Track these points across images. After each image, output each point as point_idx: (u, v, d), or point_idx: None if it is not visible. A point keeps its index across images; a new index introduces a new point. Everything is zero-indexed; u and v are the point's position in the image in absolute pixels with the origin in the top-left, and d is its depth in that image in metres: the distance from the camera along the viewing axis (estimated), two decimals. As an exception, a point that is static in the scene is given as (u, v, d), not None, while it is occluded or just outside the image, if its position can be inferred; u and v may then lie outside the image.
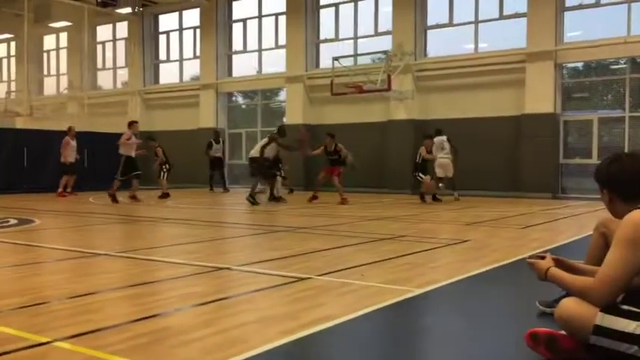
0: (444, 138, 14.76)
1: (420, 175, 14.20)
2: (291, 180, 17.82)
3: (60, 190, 16.32)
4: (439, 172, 14.55)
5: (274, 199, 13.91)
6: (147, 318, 3.59)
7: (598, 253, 3.39)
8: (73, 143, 16.62)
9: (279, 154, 14.21)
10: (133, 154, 14.51)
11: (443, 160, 14.53)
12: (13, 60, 30.34)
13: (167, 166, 16.13)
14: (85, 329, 3.31)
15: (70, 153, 16.48)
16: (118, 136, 21.40)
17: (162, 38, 25.25)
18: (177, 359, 2.84)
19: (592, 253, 3.49)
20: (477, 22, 17.99)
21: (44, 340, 3.11)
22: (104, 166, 19.09)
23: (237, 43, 23.19)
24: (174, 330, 3.35)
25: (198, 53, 23.61)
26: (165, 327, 3.42)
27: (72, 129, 16.92)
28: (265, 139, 14.11)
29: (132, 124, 15.11)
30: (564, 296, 3.41)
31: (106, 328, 3.36)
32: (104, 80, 27.50)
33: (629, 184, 2.84)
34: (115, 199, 13.59)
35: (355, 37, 20.20)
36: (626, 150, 15.29)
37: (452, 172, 14.74)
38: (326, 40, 21.00)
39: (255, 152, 13.85)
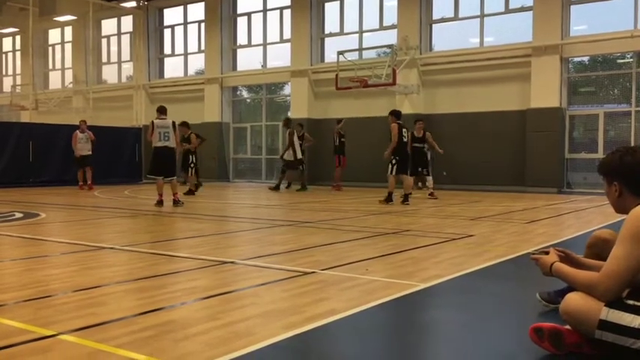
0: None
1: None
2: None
3: (80, 183, 16.68)
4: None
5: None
6: (152, 311, 3.60)
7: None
8: (81, 135, 16.75)
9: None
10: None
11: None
12: (18, 54, 30.44)
13: (194, 158, 15.05)
14: (90, 322, 3.33)
15: (78, 146, 16.66)
16: (123, 129, 21.52)
17: (167, 32, 25.26)
18: (181, 352, 2.85)
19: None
20: (482, 15, 17.92)
21: (49, 333, 3.12)
22: (109, 159, 19.21)
23: (241, 37, 23.18)
24: (179, 323, 3.36)
25: (202, 47, 23.62)
26: (170, 320, 3.43)
27: (81, 122, 17.20)
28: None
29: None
30: (566, 290, 3.41)
31: (110, 322, 3.37)
32: (109, 74, 27.56)
33: None
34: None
35: (360, 31, 20.16)
36: (632, 144, 15.21)
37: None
38: (331, 34, 20.97)
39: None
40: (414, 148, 13.20)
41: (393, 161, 11.77)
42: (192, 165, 14.89)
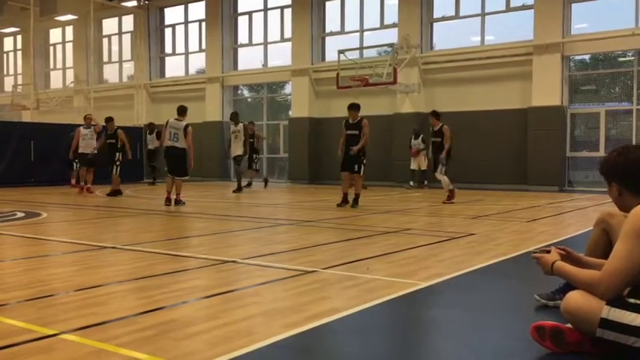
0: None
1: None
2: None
3: (81, 184, 15.07)
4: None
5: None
6: (153, 311, 3.61)
7: (599, 249, 3.36)
8: (85, 131, 15.03)
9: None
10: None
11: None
12: (19, 54, 30.45)
13: (120, 156, 14.17)
14: (91, 322, 3.33)
15: (82, 143, 14.98)
16: (124, 129, 21.44)
17: (167, 31, 25.26)
18: (183, 352, 2.85)
19: (592, 250, 3.44)
20: (483, 14, 17.91)
21: (51, 332, 3.13)
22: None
23: (242, 36, 23.18)
24: (180, 322, 3.36)
25: (203, 46, 23.62)
26: (172, 319, 3.43)
27: (85, 117, 15.84)
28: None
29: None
30: (564, 287, 3.42)
31: (112, 321, 3.38)
32: (110, 74, 27.58)
33: (638, 176, 2.81)
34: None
35: (361, 30, 20.15)
36: (633, 143, 15.20)
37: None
38: (332, 33, 20.95)
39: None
40: (432, 143, 12.31)
41: (364, 161, 10.89)
42: (117, 163, 13.99)
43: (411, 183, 17.32)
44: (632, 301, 2.66)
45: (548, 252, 3.08)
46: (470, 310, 3.74)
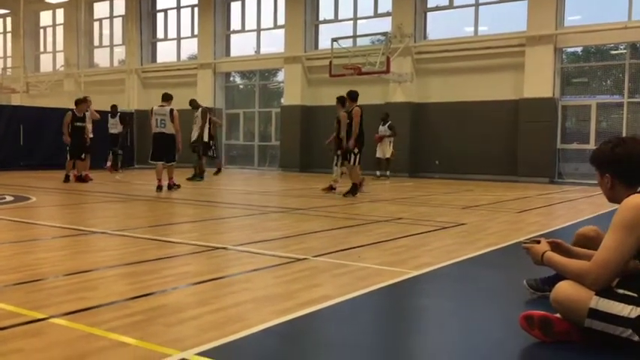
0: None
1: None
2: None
3: (75, 173, 13.79)
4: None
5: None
6: (143, 296, 3.60)
7: (588, 241, 3.37)
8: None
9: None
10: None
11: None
12: (9, 36, 30.09)
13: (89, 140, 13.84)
14: (81, 306, 3.32)
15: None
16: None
17: (159, 16, 25.03)
18: (173, 337, 2.85)
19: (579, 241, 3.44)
20: (477, 4, 17.87)
21: (41, 316, 3.12)
22: (99, 144, 19.05)
23: (235, 23, 23.02)
24: (171, 308, 3.36)
25: (196, 32, 23.44)
26: (162, 305, 3.43)
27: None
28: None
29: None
30: (553, 277, 3.44)
31: (102, 306, 3.37)
32: (101, 58, 27.31)
33: (634, 168, 2.82)
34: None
35: (355, 18, 20.06)
36: (623, 135, 15.25)
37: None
38: (325, 21, 20.85)
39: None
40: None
41: (356, 151, 10.74)
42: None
43: (377, 173, 16.70)
44: (620, 291, 2.68)
45: (538, 242, 3.10)
46: (459, 299, 3.77)
